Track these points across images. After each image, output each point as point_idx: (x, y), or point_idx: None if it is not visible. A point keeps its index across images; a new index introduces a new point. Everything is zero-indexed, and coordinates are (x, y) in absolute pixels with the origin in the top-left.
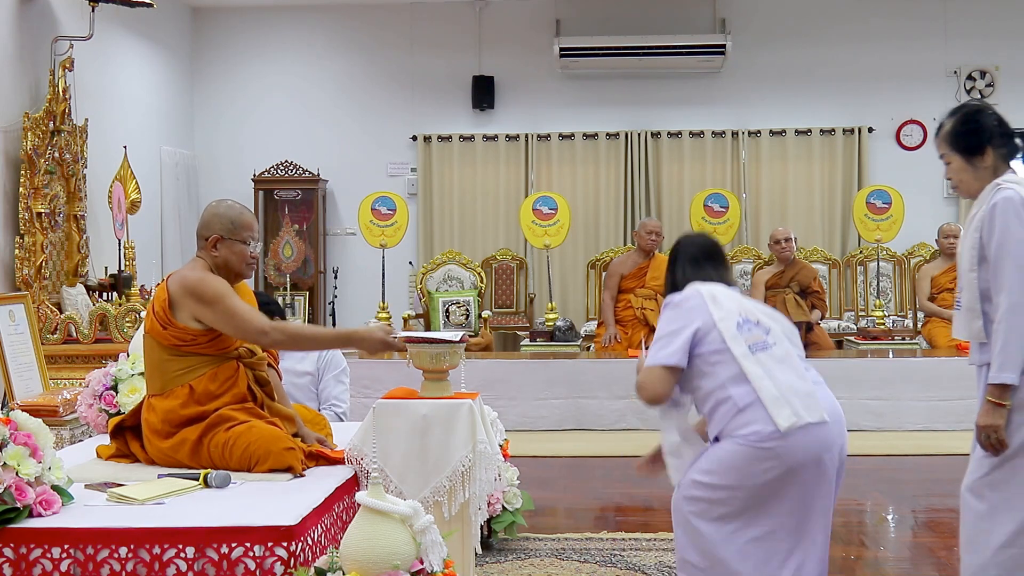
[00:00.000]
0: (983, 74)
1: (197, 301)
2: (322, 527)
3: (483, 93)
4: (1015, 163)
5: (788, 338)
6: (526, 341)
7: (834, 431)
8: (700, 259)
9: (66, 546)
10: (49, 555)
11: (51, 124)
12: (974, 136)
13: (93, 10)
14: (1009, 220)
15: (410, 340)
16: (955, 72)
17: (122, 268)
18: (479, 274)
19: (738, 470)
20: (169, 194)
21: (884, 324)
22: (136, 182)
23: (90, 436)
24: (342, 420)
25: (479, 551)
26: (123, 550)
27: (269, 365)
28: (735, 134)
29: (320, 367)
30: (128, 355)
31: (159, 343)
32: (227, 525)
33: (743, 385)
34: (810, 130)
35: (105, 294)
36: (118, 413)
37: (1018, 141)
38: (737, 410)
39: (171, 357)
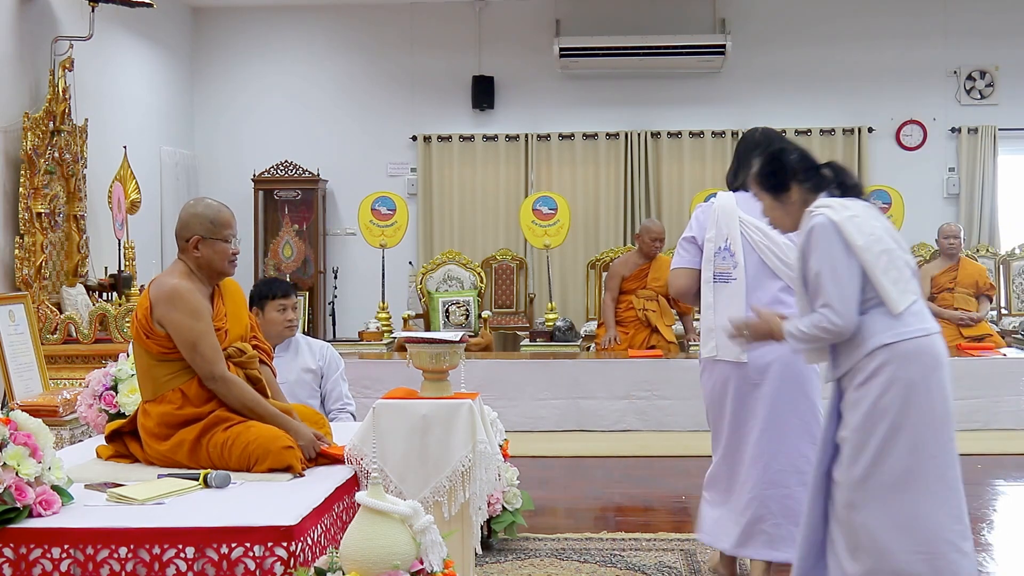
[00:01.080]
0: (983, 74)
1: (171, 308)
2: (322, 527)
3: (483, 93)
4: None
5: (770, 270)
6: (526, 341)
7: (753, 370)
8: (743, 156)
9: (66, 546)
10: (49, 555)
11: (51, 124)
12: (777, 176)
13: (93, 10)
14: (821, 243)
15: (410, 340)
16: (955, 72)
17: (122, 268)
18: (479, 274)
19: (707, 401)
20: (169, 194)
21: None
22: (136, 182)
23: (90, 436)
24: (355, 419)
25: (479, 551)
26: (123, 550)
27: (261, 362)
28: (735, 134)
29: (322, 365)
30: (128, 355)
31: (145, 350)
32: (227, 525)
33: (702, 308)
34: (810, 130)
35: (105, 294)
36: (118, 413)
37: (827, 172)
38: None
39: (158, 363)
